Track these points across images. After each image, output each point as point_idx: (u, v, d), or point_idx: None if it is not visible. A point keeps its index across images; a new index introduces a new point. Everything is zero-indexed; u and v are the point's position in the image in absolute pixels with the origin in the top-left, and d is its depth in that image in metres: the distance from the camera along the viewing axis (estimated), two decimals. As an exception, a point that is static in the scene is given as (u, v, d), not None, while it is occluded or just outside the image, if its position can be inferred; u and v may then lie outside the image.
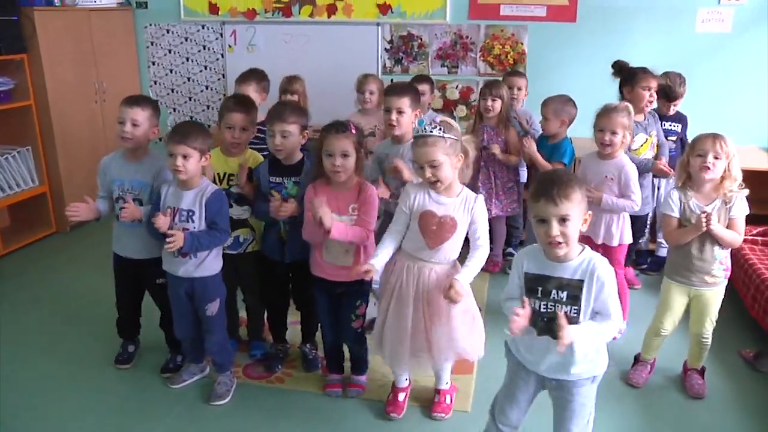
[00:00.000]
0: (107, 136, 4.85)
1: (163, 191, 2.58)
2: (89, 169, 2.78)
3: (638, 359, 2.91)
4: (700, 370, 2.82)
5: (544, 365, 1.96)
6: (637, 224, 3.39)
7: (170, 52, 5.26)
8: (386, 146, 2.99)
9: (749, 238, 3.57)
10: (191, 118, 5.31)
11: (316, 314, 2.94)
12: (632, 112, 3.03)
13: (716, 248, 2.56)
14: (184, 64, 5.26)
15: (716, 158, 2.47)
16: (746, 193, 2.53)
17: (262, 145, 3.10)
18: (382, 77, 4.54)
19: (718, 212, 2.51)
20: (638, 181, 3.03)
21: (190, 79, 5.28)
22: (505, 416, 2.12)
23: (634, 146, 3.41)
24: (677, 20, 4.40)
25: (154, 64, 5.31)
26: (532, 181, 3.70)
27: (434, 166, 2.22)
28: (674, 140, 3.75)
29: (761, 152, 4.34)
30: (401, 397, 2.65)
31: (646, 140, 3.51)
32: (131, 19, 5.22)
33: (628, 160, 3.03)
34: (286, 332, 3.02)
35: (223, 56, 5.15)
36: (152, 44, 5.27)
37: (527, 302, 1.86)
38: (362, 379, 2.79)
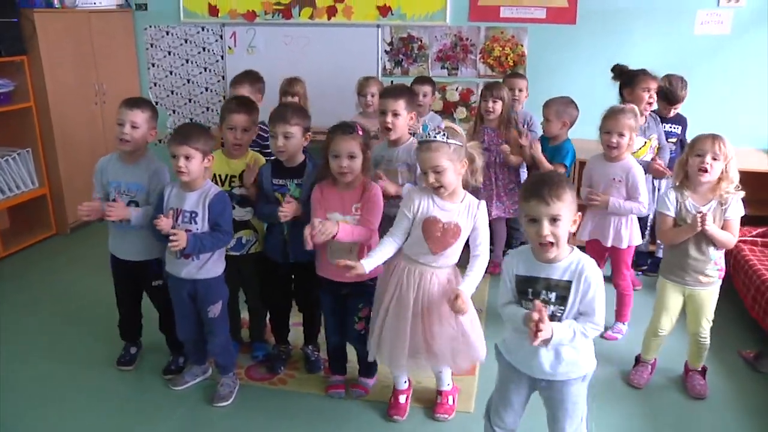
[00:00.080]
0: (107, 137, 4.84)
1: (166, 192, 2.58)
2: (89, 170, 2.77)
3: (639, 360, 2.91)
4: (701, 370, 2.82)
5: (534, 366, 1.97)
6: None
7: (170, 53, 5.25)
8: (381, 149, 2.96)
9: (749, 239, 3.59)
10: (191, 119, 5.30)
11: (318, 316, 2.95)
12: (638, 114, 3.04)
13: (711, 249, 2.57)
14: (183, 65, 5.25)
15: (714, 159, 2.48)
16: (742, 194, 2.54)
17: (257, 147, 3.11)
18: (382, 79, 4.55)
19: (713, 213, 2.52)
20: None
21: (189, 80, 5.27)
22: (500, 419, 2.13)
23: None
24: (676, 22, 4.41)
25: (153, 65, 5.31)
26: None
27: (438, 171, 2.21)
28: (674, 142, 3.77)
29: (760, 153, 4.35)
30: (402, 399, 2.65)
31: (644, 143, 3.52)
32: (131, 20, 5.22)
33: (635, 161, 3.04)
34: (288, 334, 3.02)
35: (222, 58, 5.15)
36: (152, 46, 5.26)
37: (542, 308, 1.79)
38: (369, 381, 2.79)
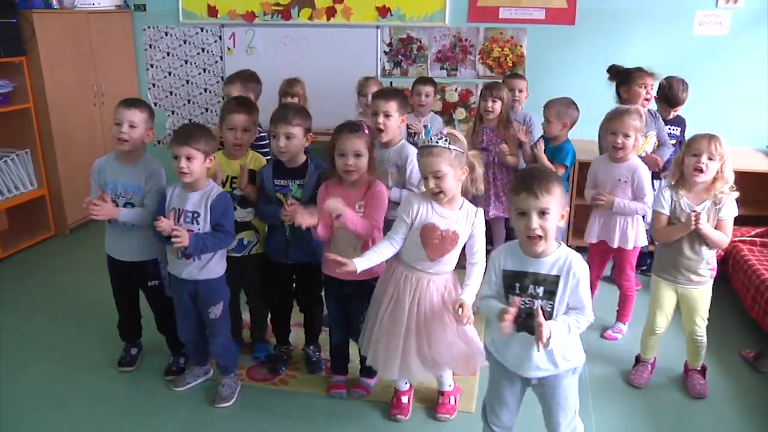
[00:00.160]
0: (106, 138, 4.84)
1: (168, 192, 2.57)
2: (88, 171, 2.76)
3: (639, 360, 2.92)
4: (701, 369, 2.83)
5: (524, 363, 1.98)
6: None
7: (169, 54, 5.25)
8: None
9: (748, 239, 3.60)
10: (190, 120, 5.30)
11: (319, 316, 2.97)
12: (644, 114, 3.05)
13: (704, 248, 2.59)
14: (182, 66, 5.25)
15: (710, 159, 2.49)
16: (736, 195, 2.56)
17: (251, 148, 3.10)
18: (381, 80, 4.54)
19: (707, 212, 2.54)
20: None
21: (188, 81, 5.27)
22: (496, 417, 2.14)
23: None
24: (675, 23, 4.44)
25: (152, 66, 5.31)
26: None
27: (438, 176, 2.21)
28: (674, 143, 3.77)
29: (758, 154, 4.38)
30: (405, 399, 2.66)
31: (642, 140, 3.52)
32: (129, 21, 5.22)
33: (640, 162, 3.05)
34: (289, 334, 3.02)
35: (221, 59, 5.15)
36: (150, 47, 5.26)
37: (517, 301, 1.89)
38: (371, 382, 2.79)
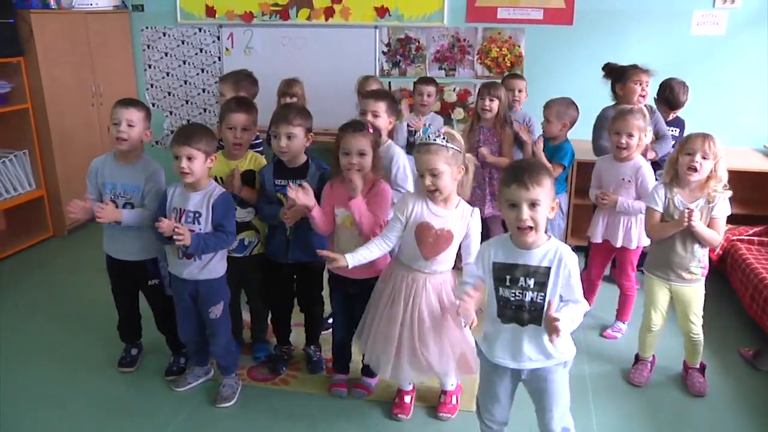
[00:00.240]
0: (104, 139, 4.82)
1: (169, 192, 2.57)
2: (86, 172, 2.76)
3: (638, 358, 2.94)
4: (700, 368, 2.84)
5: (516, 356, 1.99)
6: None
7: (167, 55, 5.24)
8: None
9: (746, 238, 3.61)
10: (188, 121, 5.30)
11: (319, 316, 2.97)
12: (647, 114, 3.06)
13: (696, 246, 2.60)
14: (180, 67, 5.25)
15: (704, 158, 2.50)
16: (729, 194, 2.57)
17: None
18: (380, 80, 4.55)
19: (700, 210, 2.55)
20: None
21: (186, 82, 5.27)
22: (490, 414, 2.15)
23: None
24: (673, 23, 4.45)
25: (150, 67, 5.30)
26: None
27: (435, 174, 2.21)
28: (673, 144, 3.78)
29: (755, 153, 4.39)
30: (407, 399, 2.66)
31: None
32: (127, 21, 5.21)
33: (644, 161, 3.06)
34: (290, 334, 3.02)
35: (220, 59, 5.14)
36: (148, 47, 5.25)
37: (480, 285, 1.97)
38: (372, 381, 2.79)
